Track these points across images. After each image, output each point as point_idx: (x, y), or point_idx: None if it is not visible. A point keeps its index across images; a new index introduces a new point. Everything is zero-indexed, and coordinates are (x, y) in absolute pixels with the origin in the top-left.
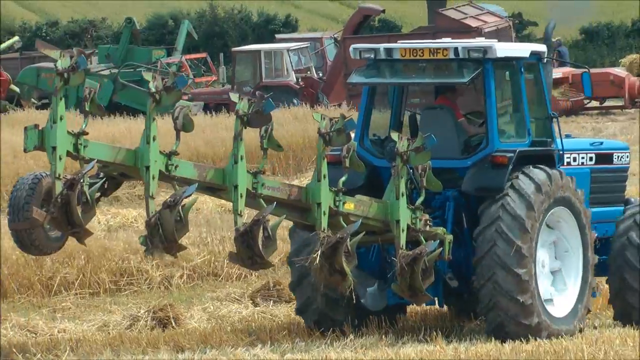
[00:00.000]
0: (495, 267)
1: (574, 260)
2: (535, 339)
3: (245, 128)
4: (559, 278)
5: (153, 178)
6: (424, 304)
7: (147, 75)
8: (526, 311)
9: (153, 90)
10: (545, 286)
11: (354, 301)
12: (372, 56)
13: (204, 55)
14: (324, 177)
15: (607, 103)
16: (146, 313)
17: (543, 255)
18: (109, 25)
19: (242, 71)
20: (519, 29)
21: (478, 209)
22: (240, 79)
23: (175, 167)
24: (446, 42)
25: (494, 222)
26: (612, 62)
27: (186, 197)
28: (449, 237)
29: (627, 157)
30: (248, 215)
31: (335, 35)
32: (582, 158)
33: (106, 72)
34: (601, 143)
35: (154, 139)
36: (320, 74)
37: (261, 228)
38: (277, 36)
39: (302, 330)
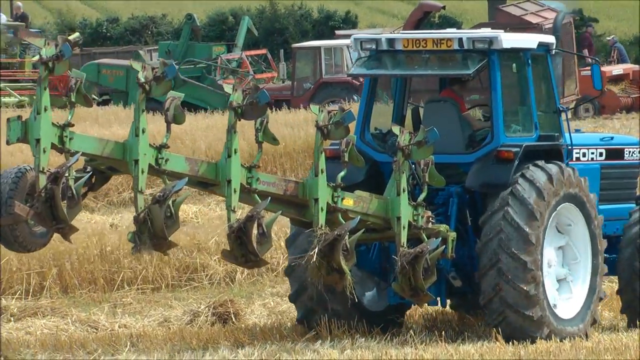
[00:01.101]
0: (501, 283)
1: (582, 267)
2: (537, 337)
3: (240, 120)
4: (565, 285)
5: (142, 172)
6: (426, 304)
7: (136, 65)
8: (530, 302)
9: (142, 80)
10: (551, 290)
11: (351, 302)
12: (374, 47)
13: (264, 51)
14: (322, 171)
15: None
16: (207, 308)
17: (550, 256)
18: (169, 22)
19: (302, 67)
20: (579, 25)
21: (480, 212)
22: (301, 75)
23: (166, 160)
24: (450, 32)
25: (496, 235)
26: None
27: (176, 192)
28: (452, 235)
29: (639, 152)
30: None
31: (395, 32)
32: (592, 153)
33: None
34: (612, 138)
35: (143, 132)
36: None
37: (255, 225)
38: (337, 32)
39: (362, 326)
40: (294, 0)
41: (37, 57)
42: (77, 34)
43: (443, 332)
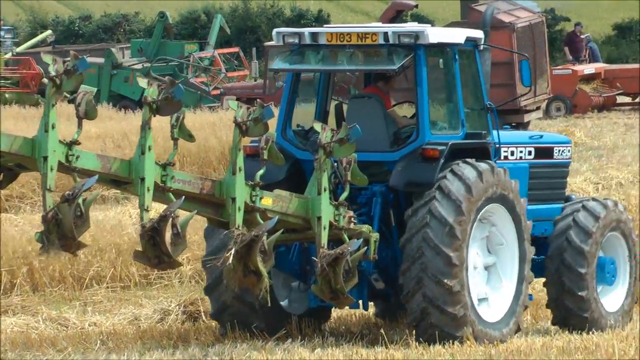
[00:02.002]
0: (424, 279)
1: (508, 254)
2: (457, 338)
3: (155, 116)
4: (494, 275)
5: (51, 169)
6: (347, 306)
7: (47, 58)
8: (453, 298)
9: (53, 73)
10: (479, 286)
11: (269, 304)
12: (297, 41)
13: (236, 49)
14: (240, 169)
15: None
16: (177, 307)
17: (475, 253)
18: (142, 20)
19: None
20: (551, 24)
21: (404, 211)
22: (273, 73)
23: (77, 157)
24: (376, 26)
25: (421, 229)
26: None
27: (86, 190)
28: (375, 236)
29: (569, 151)
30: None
31: None
32: (521, 152)
33: (139, 66)
34: (541, 136)
35: (53, 127)
36: None
37: (169, 225)
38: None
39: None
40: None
41: (9, 55)
42: (49, 32)
43: (414, 331)
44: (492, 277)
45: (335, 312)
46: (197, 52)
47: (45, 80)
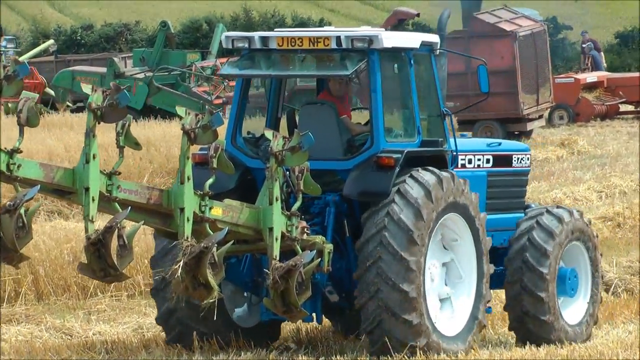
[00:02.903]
0: (380, 283)
1: (467, 269)
2: (413, 346)
3: (99, 123)
4: (447, 305)
5: None
6: (300, 320)
7: None
8: (409, 305)
9: None
10: (435, 301)
11: (215, 317)
12: (246, 45)
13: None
14: (188, 179)
15: None
16: None
17: (433, 264)
18: (144, 29)
19: None
20: (554, 33)
21: (361, 216)
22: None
23: (18, 166)
24: (329, 30)
25: (378, 232)
26: None
27: (28, 201)
28: (329, 247)
29: (528, 159)
30: None
31: None
32: (479, 160)
33: (141, 76)
34: (499, 144)
35: None
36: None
37: (115, 236)
38: None
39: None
40: (268, 1)
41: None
42: (51, 41)
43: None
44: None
45: (287, 325)
46: (199, 62)
47: (47, 89)
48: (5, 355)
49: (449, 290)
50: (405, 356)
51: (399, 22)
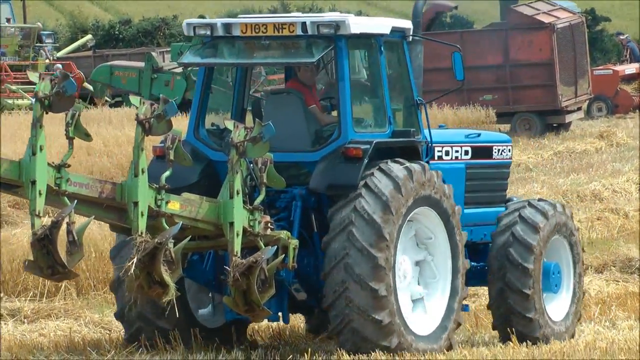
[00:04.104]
0: (348, 282)
1: (441, 266)
2: (384, 347)
3: (47, 113)
4: (420, 305)
5: None
6: (264, 320)
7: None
8: (379, 303)
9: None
10: (408, 299)
11: (177, 316)
12: (209, 33)
13: None
14: (142, 171)
15: None
16: None
17: (405, 264)
18: (182, 23)
19: None
20: (592, 24)
21: (328, 211)
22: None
23: None
24: (294, 16)
25: (345, 228)
26: None
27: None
28: (294, 242)
29: (509, 150)
30: None
31: None
32: (456, 152)
33: (179, 70)
34: (478, 135)
35: None
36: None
37: (65, 232)
38: None
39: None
40: (305, 0)
41: (47, 60)
42: (89, 36)
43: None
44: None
45: (254, 325)
46: None
47: (86, 84)
48: (45, 350)
49: (422, 290)
50: (378, 356)
51: (436, 15)
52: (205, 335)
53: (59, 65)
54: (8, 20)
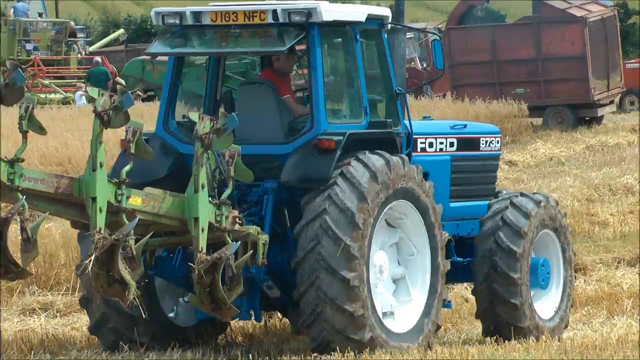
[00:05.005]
0: (319, 271)
1: (420, 266)
2: (357, 342)
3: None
4: (402, 287)
5: None
6: (231, 318)
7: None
8: (356, 324)
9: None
10: (384, 297)
11: (144, 316)
12: (178, 22)
13: None
14: (101, 165)
15: None
16: None
17: (382, 260)
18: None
19: None
20: (624, 18)
21: (301, 200)
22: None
23: None
24: (265, 4)
25: (318, 216)
26: None
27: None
28: (264, 238)
29: (498, 142)
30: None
31: (439, 26)
32: (441, 144)
33: None
34: (465, 126)
35: None
36: (425, 65)
37: (18, 229)
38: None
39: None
40: None
41: (79, 55)
42: (121, 31)
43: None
44: (400, 290)
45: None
46: None
47: (118, 79)
48: (77, 343)
49: (403, 270)
50: (349, 353)
51: (468, 9)
52: (179, 335)
53: (98, 59)
54: (40, 15)
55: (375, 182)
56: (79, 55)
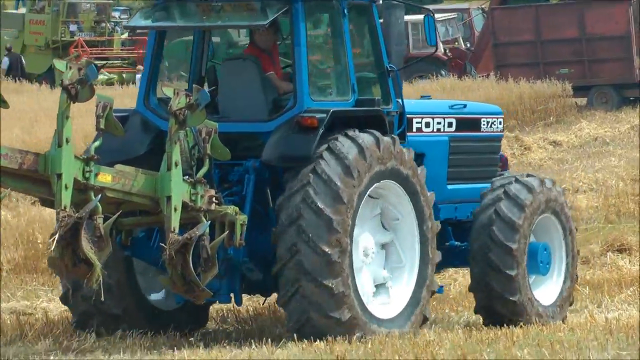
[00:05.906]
0: (300, 244)
1: (408, 252)
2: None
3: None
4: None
5: None
6: (203, 300)
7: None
8: (335, 300)
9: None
10: (369, 281)
11: (102, 299)
12: None
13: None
14: (67, 141)
15: None
16: None
17: (367, 241)
18: None
19: None
20: None
21: (284, 175)
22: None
23: None
24: None
25: (301, 189)
26: None
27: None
28: (242, 218)
29: (500, 123)
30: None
31: (482, 6)
32: (439, 124)
33: None
34: (464, 106)
35: None
36: (468, 45)
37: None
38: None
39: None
40: None
41: (125, 35)
42: None
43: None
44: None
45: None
46: None
47: None
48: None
49: (386, 274)
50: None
51: None
52: (161, 319)
53: None
54: None
55: (362, 158)
56: (122, 36)
